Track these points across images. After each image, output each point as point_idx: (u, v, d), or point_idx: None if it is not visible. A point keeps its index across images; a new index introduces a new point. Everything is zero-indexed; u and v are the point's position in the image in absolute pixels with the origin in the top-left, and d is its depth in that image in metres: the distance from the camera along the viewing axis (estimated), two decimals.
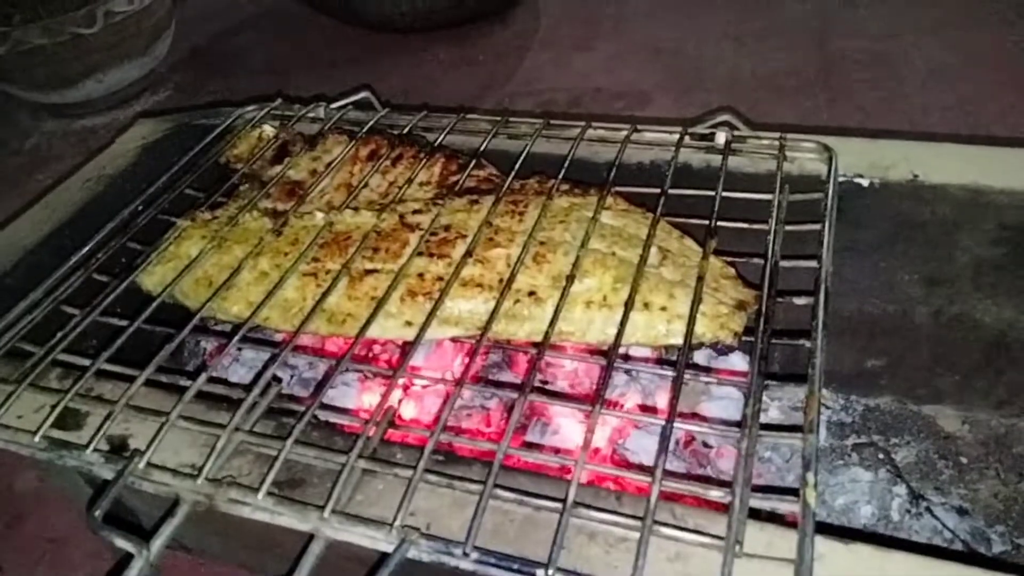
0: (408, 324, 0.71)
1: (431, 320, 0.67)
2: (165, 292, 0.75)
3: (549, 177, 0.83)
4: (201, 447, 0.61)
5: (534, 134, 0.90)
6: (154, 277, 0.79)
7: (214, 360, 0.67)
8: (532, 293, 0.70)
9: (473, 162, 0.86)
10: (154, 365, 0.65)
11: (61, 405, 0.63)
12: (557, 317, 0.65)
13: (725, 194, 0.75)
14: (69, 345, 0.69)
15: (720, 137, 0.85)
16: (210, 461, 0.57)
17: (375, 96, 1.02)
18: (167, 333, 0.69)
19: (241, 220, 0.82)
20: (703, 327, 0.66)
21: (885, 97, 1.82)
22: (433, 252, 0.74)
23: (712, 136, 0.86)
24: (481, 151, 0.89)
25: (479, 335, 0.66)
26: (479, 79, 2.15)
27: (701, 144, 0.87)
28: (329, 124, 0.98)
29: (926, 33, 2.05)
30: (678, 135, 0.86)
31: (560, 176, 0.82)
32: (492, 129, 0.92)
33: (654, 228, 0.73)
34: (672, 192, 0.78)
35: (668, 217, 0.78)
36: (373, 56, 2.34)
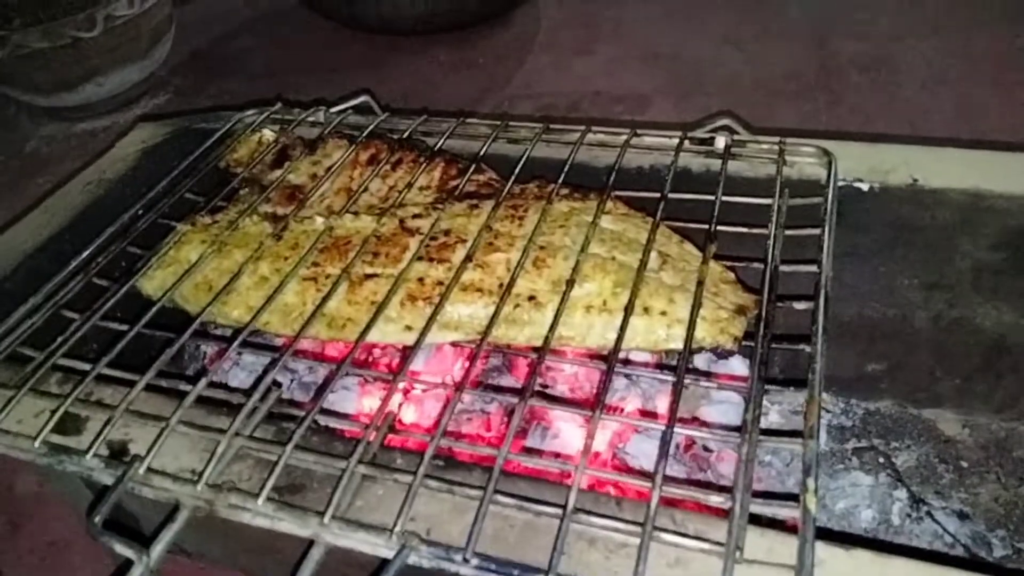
0: (408, 329, 0.71)
1: (431, 325, 0.67)
2: (165, 296, 0.75)
3: (549, 181, 0.83)
4: (201, 452, 0.61)
5: (534, 138, 0.90)
6: (154, 281, 0.79)
7: (214, 365, 0.67)
8: (532, 298, 0.70)
9: (473, 166, 0.86)
10: (154, 370, 0.64)
11: (61, 410, 0.63)
12: (557, 322, 0.65)
13: (725, 198, 0.75)
14: (69, 350, 0.69)
15: (720, 141, 0.85)
16: (210, 466, 0.57)
17: (375, 100, 1.02)
18: (167, 338, 0.69)
19: (241, 224, 0.82)
20: (703, 332, 0.66)
21: (885, 100, 1.82)
22: (433, 257, 0.74)
23: (712, 140, 0.85)
24: (481, 155, 0.89)
25: (479, 340, 0.65)
26: (479, 82, 2.15)
27: (701, 148, 0.87)
28: (329, 128, 0.98)
29: (926, 36, 2.05)
30: (678, 139, 0.86)
31: (560, 181, 0.82)
32: (492, 133, 0.92)
33: (654, 233, 0.73)
34: (672, 196, 0.78)
35: (668, 221, 0.78)
36: (373, 59, 2.34)
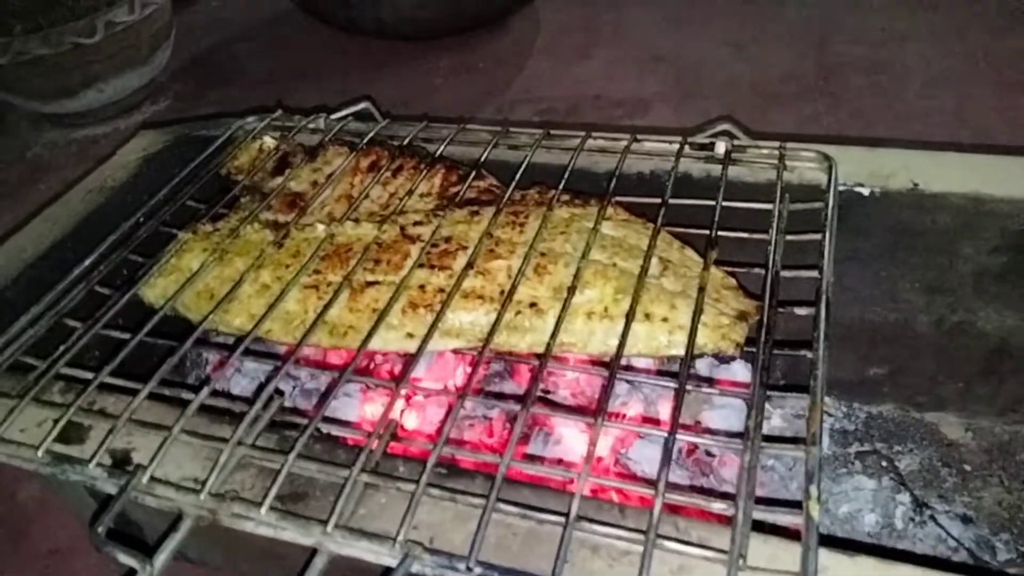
0: (410, 336, 0.71)
1: (433, 332, 0.67)
2: (167, 305, 0.75)
3: (549, 188, 0.83)
4: (204, 461, 0.61)
5: (534, 144, 0.90)
6: (156, 290, 0.79)
7: (216, 374, 0.67)
8: (533, 304, 0.70)
9: (473, 173, 0.86)
10: (156, 379, 0.65)
11: (64, 419, 0.63)
12: (558, 328, 0.65)
13: (725, 204, 0.75)
14: (71, 359, 0.69)
15: (720, 147, 0.85)
16: (213, 475, 0.57)
17: (375, 106, 1.02)
18: (169, 346, 0.69)
19: (242, 232, 0.82)
20: (704, 338, 0.66)
21: (885, 102, 1.82)
22: (434, 264, 0.74)
23: (712, 146, 0.86)
24: (481, 162, 0.89)
25: (481, 347, 0.66)
26: (479, 87, 2.15)
27: (701, 154, 0.87)
28: (329, 135, 0.98)
29: (926, 38, 2.06)
30: (678, 145, 0.86)
31: (560, 187, 0.82)
32: (492, 140, 0.92)
33: (655, 239, 0.73)
34: (672, 202, 0.78)
35: (669, 227, 0.77)
36: (373, 64, 2.35)
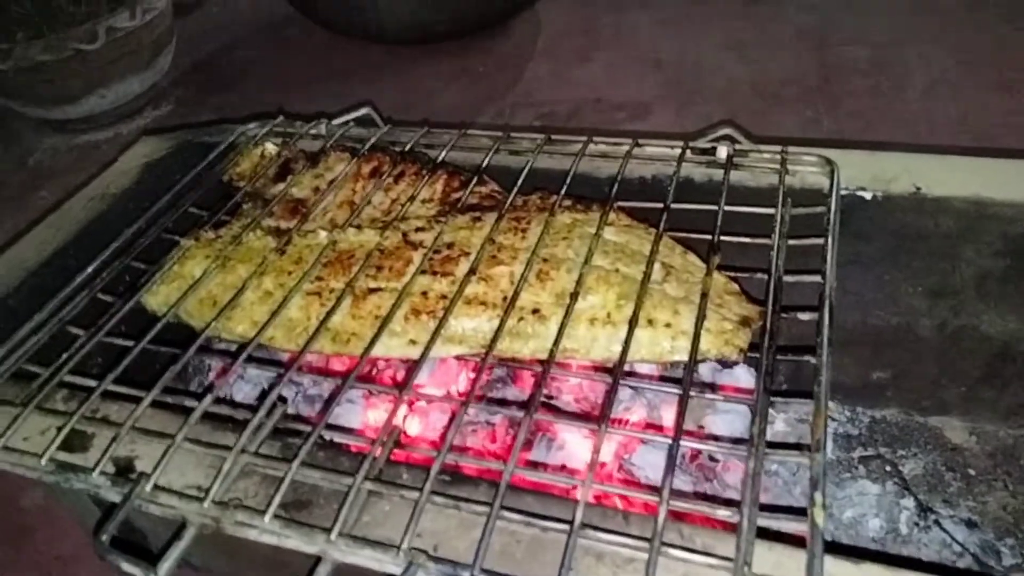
0: (412, 343, 0.71)
1: (435, 339, 0.67)
2: (170, 312, 0.75)
3: (551, 193, 0.83)
4: (207, 468, 0.61)
5: (535, 150, 0.90)
6: (158, 297, 0.79)
7: (219, 381, 0.67)
8: (536, 311, 0.70)
9: (475, 179, 0.86)
10: (159, 387, 0.64)
11: (67, 427, 0.63)
12: (561, 335, 0.65)
13: (727, 209, 0.75)
14: (75, 366, 0.69)
15: (722, 151, 0.85)
16: (216, 483, 0.57)
17: (376, 112, 1.02)
18: (172, 353, 0.69)
19: (244, 239, 0.82)
20: (708, 343, 0.66)
21: (886, 106, 1.82)
22: (436, 270, 0.74)
23: (714, 150, 0.85)
24: (483, 168, 0.89)
25: (484, 353, 0.65)
26: (479, 91, 2.15)
27: (703, 158, 0.87)
28: (331, 141, 0.98)
29: (927, 40, 2.06)
30: (680, 149, 0.86)
31: (562, 192, 0.82)
32: (493, 145, 0.92)
33: (657, 244, 0.73)
34: (675, 207, 0.78)
35: (671, 232, 0.77)
36: (374, 68, 2.35)
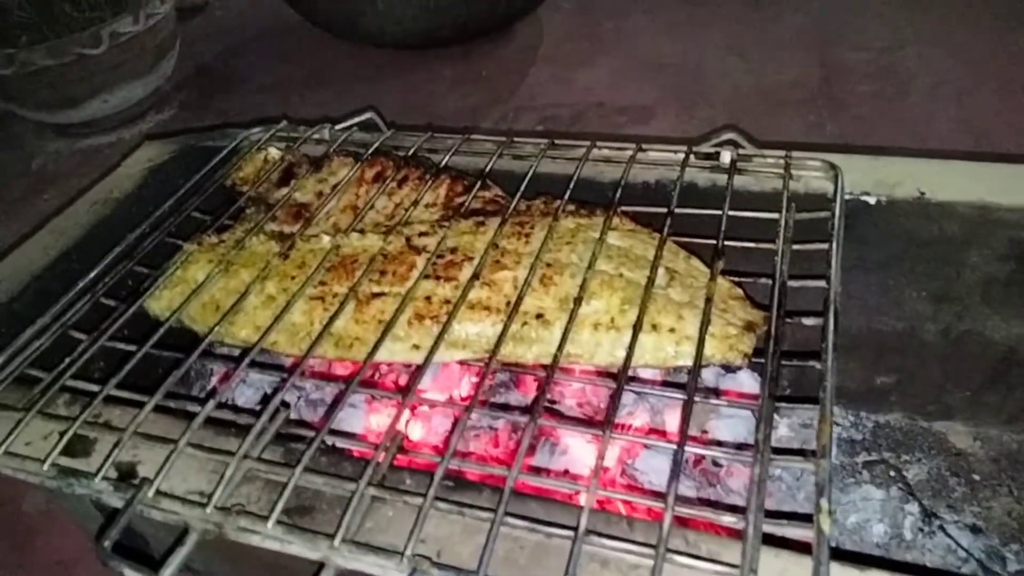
0: (416, 348, 0.71)
1: (439, 344, 0.67)
2: (172, 317, 0.75)
3: (555, 198, 0.83)
4: (210, 474, 0.61)
5: (539, 154, 0.90)
6: (161, 302, 0.79)
7: (222, 386, 0.67)
8: (540, 316, 0.69)
9: (479, 183, 0.86)
10: (162, 392, 0.64)
11: (70, 432, 0.63)
12: (565, 339, 0.64)
13: (731, 213, 0.75)
14: (77, 371, 0.69)
15: (725, 156, 0.84)
16: (219, 489, 0.56)
17: (380, 116, 1.02)
18: (175, 358, 0.69)
19: (248, 244, 0.82)
20: (712, 348, 0.65)
21: (889, 109, 1.82)
22: (440, 275, 0.74)
23: (717, 155, 0.85)
24: (486, 172, 0.89)
25: (487, 358, 0.65)
26: (482, 95, 2.16)
27: (706, 163, 0.86)
28: (334, 146, 0.98)
29: (929, 44, 2.06)
30: (683, 154, 0.86)
31: (566, 197, 0.81)
32: (497, 150, 0.91)
33: (661, 249, 0.72)
34: (678, 212, 0.77)
35: (675, 237, 0.77)
36: (377, 73, 2.35)
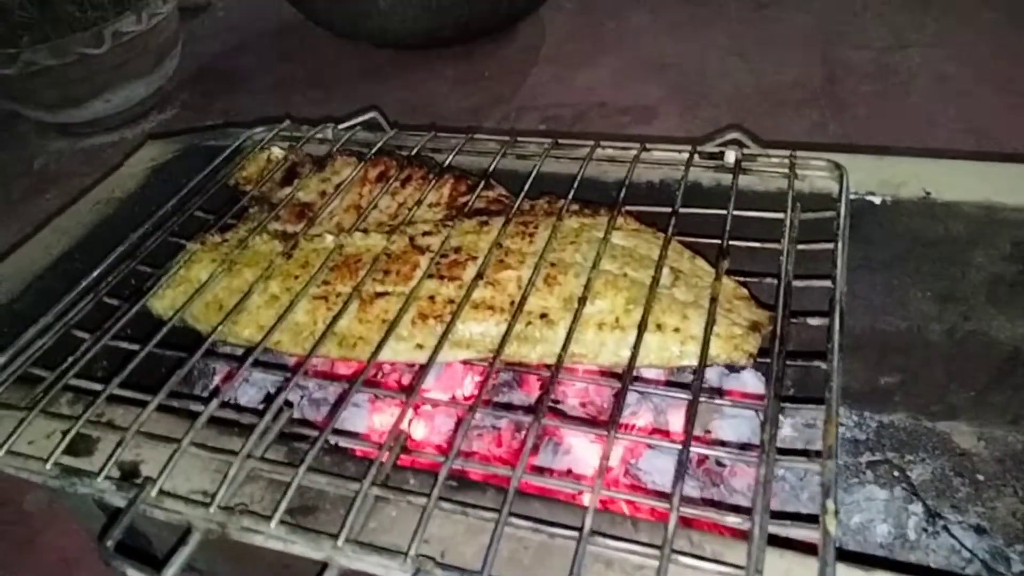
0: (419, 347, 0.71)
1: (443, 343, 0.66)
2: (176, 316, 0.75)
3: (559, 197, 0.83)
4: (213, 473, 0.61)
5: (543, 154, 0.89)
6: (164, 301, 0.79)
7: (226, 385, 0.66)
8: (544, 315, 0.69)
9: (482, 183, 0.86)
10: (165, 391, 0.64)
11: (72, 431, 0.62)
12: (569, 339, 0.64)
13: (736, 213, 0.75)
14: (80, 370, 0.69)
15: (730, 155, 0.84)
16: (222, 488, 0.56)
17: (383, 116, 1.02)
18: (178, 357, 0.69)
19: (251, 243, 0.82)
20: (717, 348, 0.65)
21: (891, 109, 1.81)
22: (444, 274, 0.74)
23: (721, 155, 0.85)
24: (490, 172, 0.88)
25: (491, 358, 0.65)
26: (485, 95, 2.15)
27: (711, 163, 0.86)
28: (337, 145, 0.98)
29: (931, 44, 2.05)
30: (687, 154, 0.86)
31: (570, 196, 0.81)
32: (500, 149, 0.91)
33: (666, 248, 0.72)
34: (683, 211, 0.77)
35: (679, 237, 0.77)
36: (379, 73, 2.35)
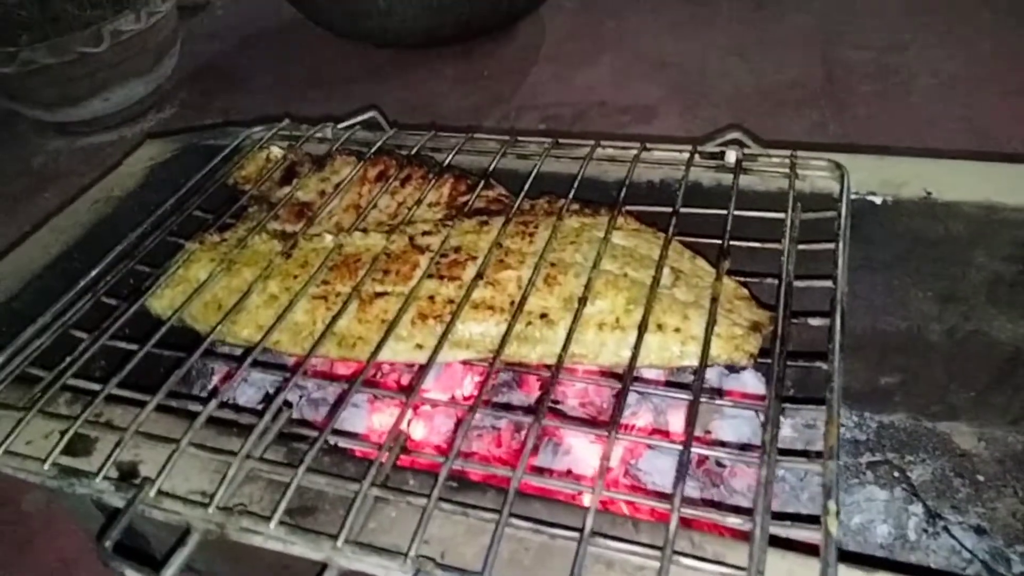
0: (419, 347, 0.70)
1: (442, 343, 0.66)
2: (174, 316, 0.74)
3: (559, 197, 0.83)
4: (212, 474, 0.61)
5: (543, 153, 0.89)
6: (163, 301, 0.79)
7: (224, 385, 0.66)
8: (544, 315, 0.69)
9: (482, 182, 0.86)
10: (164, 391, 0.64)
11: (71, 432, 0.62)
12: (570, 340, 0.64)
13: (737, 213, 0.75)
14: (78, 370, 0.69)
15: (730, 155, 0.84)
16: (221, 489, 0.56)
17: (382, 115, 1.02)
18: (177, 357, 0.69)
19: (250, 242, 0.81)
20: (718, 349, 0.65)
21: (891, 109, 1.81)
22: (443, 274, 0.73)
23: (722, 154, 0.85)
24: (490, 171, 0.88)
25: (491, 358, 0.65)
26: (484, 94, 2.15)
27: (711, 162, 0.86)
28: (337, 145, 0.97)
29: (931, 43, 2.05)
30: (688, 153, 0.86)
31: (570, 196, 0.81)
32: (500, 149, 0.91)
33: (666, 248, 0.72)
34: (683, 211, 0.77)
35: (680, 237, 0.77)
36: (379, 72, 2.35)
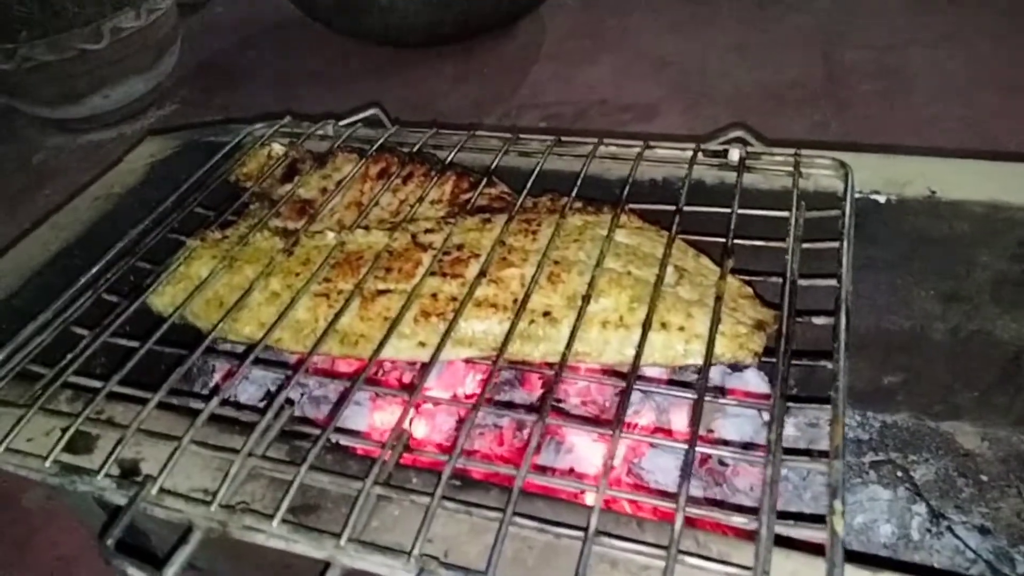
0: (422, 345, 0.70)
1: (445, 341, 0.66)
2: (176, 313, 0.74)
3: (562, 195, 0.82)
4: (214, 471, 0.60)
5: (545, 151, 0.89)
6: (164, 298, 0.79)
7: (226, 383, 0.66)
8: (547, 313, 0.69)
9: (484, 180, 0.85)
10: (165, 388, 0.64)
11: (72, 429, 0.62)
12: (573, 338, 0.64)
13: (740, 211, 0.74)
14: (79, 367, 0.68)
15: (734, 154, 0.84)
16: (223, 487, 0.56)
17: (384, 112, 1.02)
18: (178, 355, 0.68)
19: (252, 240, 0.81)
20: (722, 347, 0.65)
21: (893, 109, 1.81)
22: (446, 272, 0.73)
23: (725, 153, 0.84)
24: (492, 169, 0.88)
25: (495, 356, 0.65)
26: (485, 92, 2.15)
27: (714, 161, 0.86)
28: (339, 142, 0.97)
29: (932, 43, 2.05)
30: (691, 152, 0.85)
31: (573, 194, 0.81)
32: (503, 147, 0.91)
33: (670, 247, 0.71)
34: (687, 210, 0.77)
35: (683, 235, 0.76)
36: (380, 70, 2.35)
